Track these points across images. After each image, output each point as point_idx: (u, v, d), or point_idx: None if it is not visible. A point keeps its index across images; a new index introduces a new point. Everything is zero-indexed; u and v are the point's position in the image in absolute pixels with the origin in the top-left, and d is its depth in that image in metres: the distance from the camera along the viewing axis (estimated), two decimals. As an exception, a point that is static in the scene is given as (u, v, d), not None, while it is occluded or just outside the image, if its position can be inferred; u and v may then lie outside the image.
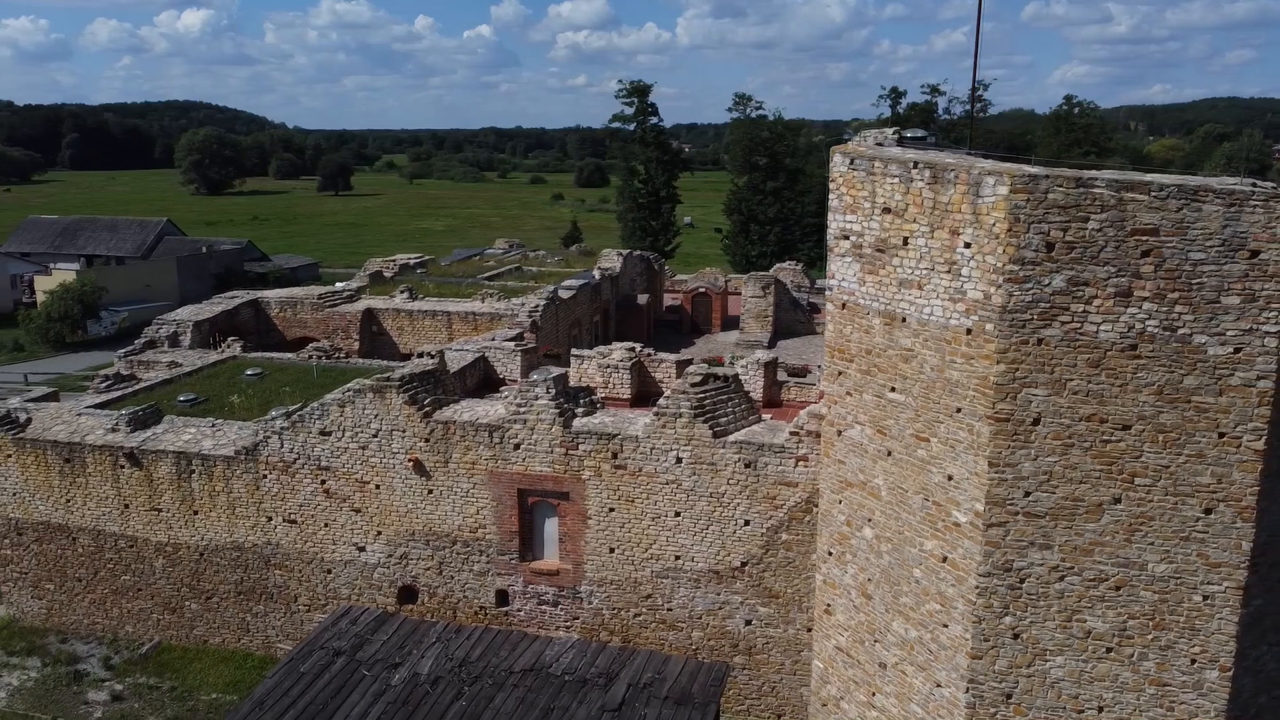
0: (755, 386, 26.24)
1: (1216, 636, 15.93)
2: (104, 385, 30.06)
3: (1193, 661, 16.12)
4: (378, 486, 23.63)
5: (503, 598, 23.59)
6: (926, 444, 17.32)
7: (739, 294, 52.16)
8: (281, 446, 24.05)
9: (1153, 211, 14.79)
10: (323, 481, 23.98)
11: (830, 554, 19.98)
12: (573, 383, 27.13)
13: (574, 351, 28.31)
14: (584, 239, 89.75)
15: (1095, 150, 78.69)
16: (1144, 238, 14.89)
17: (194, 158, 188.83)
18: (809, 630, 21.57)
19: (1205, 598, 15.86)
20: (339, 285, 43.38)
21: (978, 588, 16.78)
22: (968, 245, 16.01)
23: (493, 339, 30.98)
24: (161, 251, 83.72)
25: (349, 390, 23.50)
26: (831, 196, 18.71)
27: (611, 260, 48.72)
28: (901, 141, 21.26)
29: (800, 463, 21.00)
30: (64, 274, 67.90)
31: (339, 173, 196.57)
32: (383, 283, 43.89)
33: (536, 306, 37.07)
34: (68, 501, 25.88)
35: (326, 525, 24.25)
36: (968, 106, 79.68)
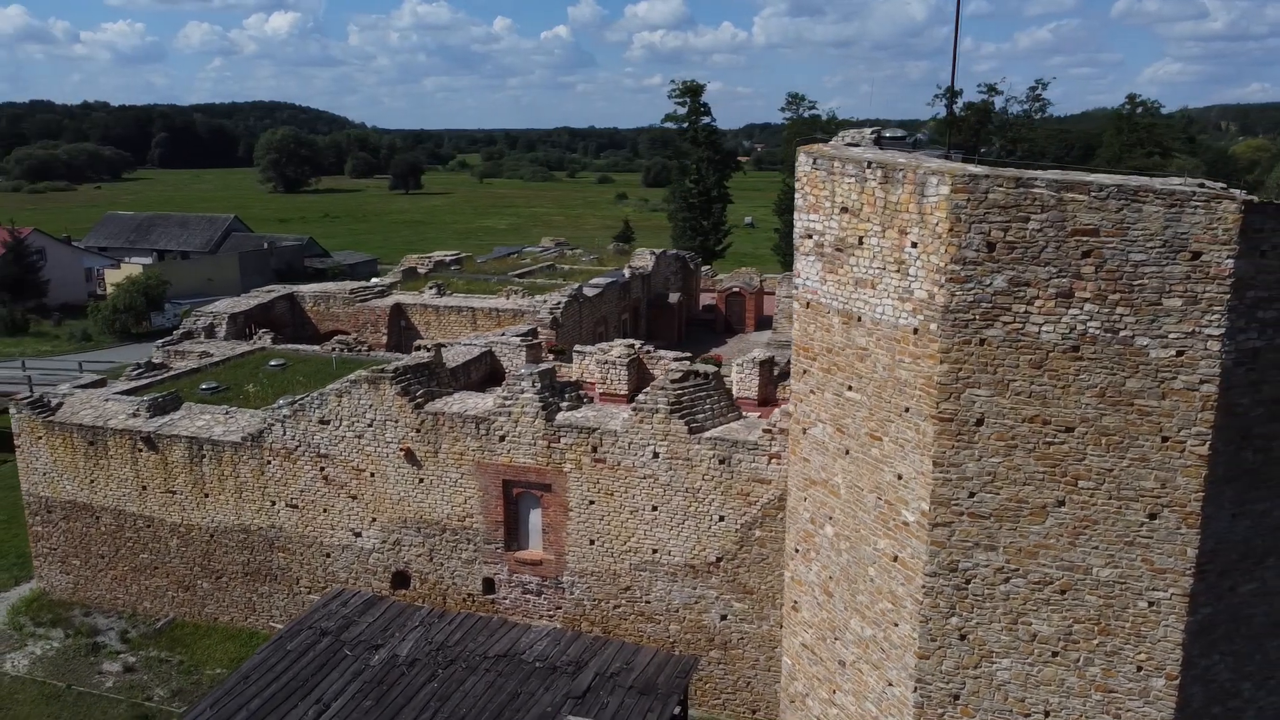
0: (751, 385, 26.40)
1: (1163, 644, 15.70)
2: (135, 373, 31.53)
3: (1139, 669, 15.90)
4: (372, 474, 24.44)
5: (489, 585, 24.19)
6: (879, 443, 17.38)
7: (774, 294, 52.13)
8: (284, 434, 25.03)
9: (1093, 212, 14.67)
10: (322, 469, 24.88)
11: (797, 551, 20.11)
12: (575, 378, 27.66)
13: (576, 348, 28.79)
14: (635, 238, 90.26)
15: (1159, 151, 76.42)
16: (1084, 238, 14.77)
17: (272, 156, 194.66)
18: (782, 626, 21.70)
19: (1151, 604, 15.64)
20: (374, 281, 44.60)
21: (924, 587, 16.79)
22: (914, 245, 16.05)
23: (503, 334, 31.65)
24: (228, 247, 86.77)
25: (347, 381, 24.36)
26: (797, 195, 18.86)
27: (644, 259, 49.11)
28: (879, 142, 21.24)
29: (773, 460, 21.16)
30: (132, 268, 70.85)
31: (409, 172, 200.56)
32: (416, 279, 45.00)
33: (558, 303, 37.68)
34: (91, 482, 27.29)
35: (325, 511, 25.16)
36: (1026, 106, 78.17)
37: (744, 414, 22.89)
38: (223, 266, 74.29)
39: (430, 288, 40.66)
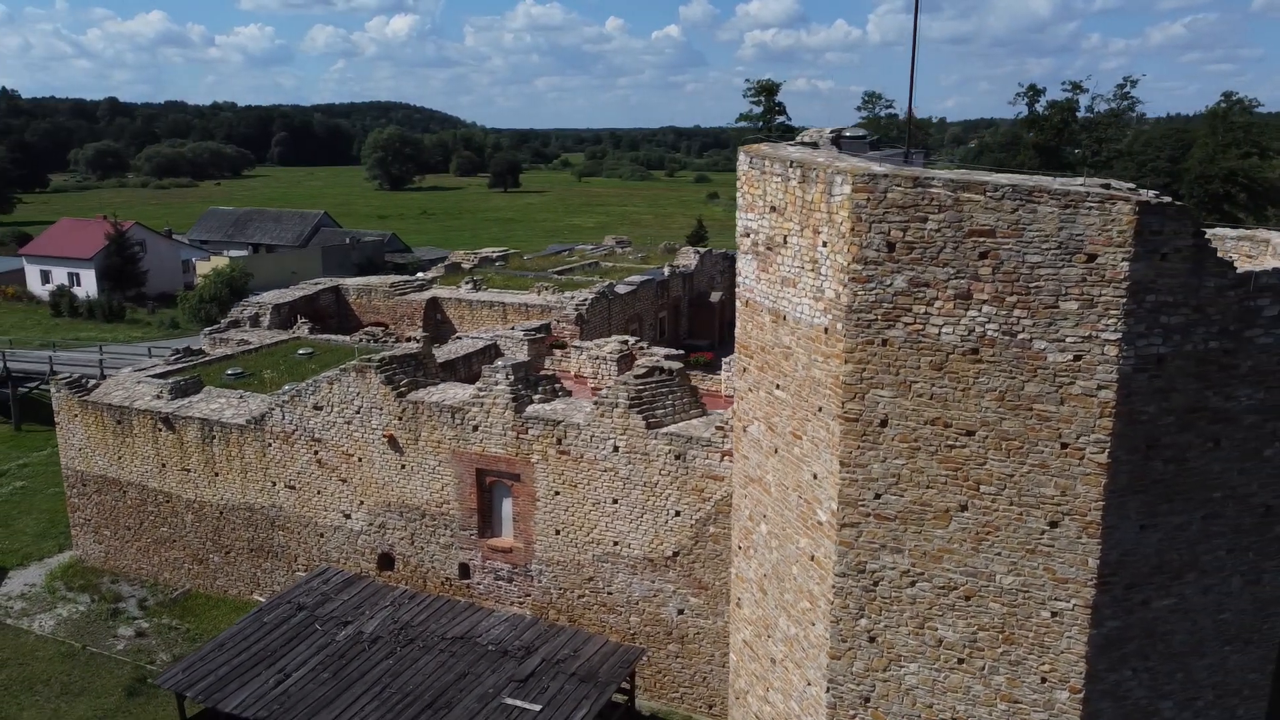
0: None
1: (1066, 655, 15.32)
2: (174, 358, 33.49)
3: (1043, 680, 15.55)
4: (360, 459, 25.50)
5: (464, 570, 24.96)
6: (800, 442, 17.41)
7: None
8: (283, 418, 26.33)
9: (989, 212, 14.44)
10: (315, 452, 26.08)
11: (739, 548, 20.21)
12: (574, 373, 28.23)
13: (574, 343, 29.33)
14: (708, 238, 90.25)
15: (1255, 151, 72.38)
16: (981, 239, 14.55)
17: (378, 155, 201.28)
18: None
19: (1054, 614, 15.28)
20: (419, 275, 46.07)
21: (834, 587, 16.76)
22: (825, 244, 16.05)
23: (513, 329, 32.43)
24: (317, 241, 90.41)
25: (338, 369, 25.48)
26: (737, 194, 18.98)
27: (688, 258, 49.30)
28: (837, 141, 21.10)
29: (725, 457, 21.30)
30: (220, 260, 74.62)
31: (508, 170, 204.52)
32: (459, 274, 46.27)
33: (584, 300, 38.30)
34: (119, 458, 29.19)
35: (319, 493, 26.36)
36: (1113, 105, 75.14)
37: (709, 411, 23.05)
38: (306, 260, 77.47)
39: (466, 282, 41.82)
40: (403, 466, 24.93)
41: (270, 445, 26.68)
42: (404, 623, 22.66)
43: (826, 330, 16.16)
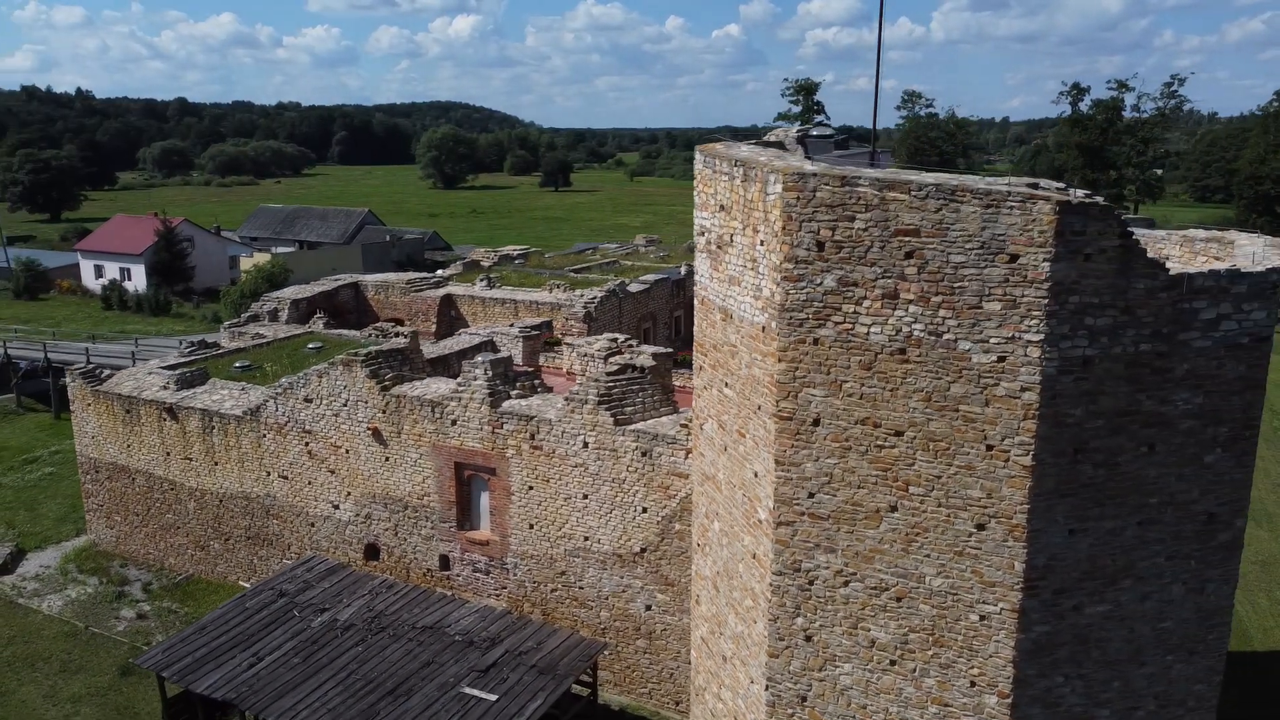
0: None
1: (994, 660, 15.16)
2: (188, 350, 34.52)
3: (972, 684, 15.41)
4: (347, 451, 26.09)
5: (444, 562, 25.39)
6: (744, 440, 17.46)
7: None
8: (276, 410, 27.03)
9: (914, 211, 14.37)
10: (306, 444, 26.74)
11: (698, 545, 20.31)
12: (565, 369, 28.56)
13: (566, 340, 29.62)
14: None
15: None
16: (906, 238, 14.48)
17: (432, 154, 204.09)
18: (699, 621, 21.90)
19: (982, 618, 15.13)
20: (439, 273, 46.76)
21: (772, 585, 16.79)
22: (762, 243, 16.09)
23: (511, 325, 32.82)
24: (361, 239, 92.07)
25: (327, 363, 26.09)
26: (694, 193, 19.08)
27: (707, 257, 49.22)
28: (803, 140, 21.04)
29: (690, 454, 21.40)
30: (262, 256, 76.40)
31: (559, 169, 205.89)
32: (477, 271, 46.87)
33: (594, 298, 38.57)
34: (128, 447, 30.21)
35: (310, 483, 27.02)
36: (1160, 104, 73.24)
37: (681, 410, 23.16)
38: (347, 257, 78.96)
39: (481, 280, 42.37)
40: (386, 459, 25.46)
41: (265, 436, 27.41)
42: (378, 611, 23.15)
43: (764, 329, 16.21)
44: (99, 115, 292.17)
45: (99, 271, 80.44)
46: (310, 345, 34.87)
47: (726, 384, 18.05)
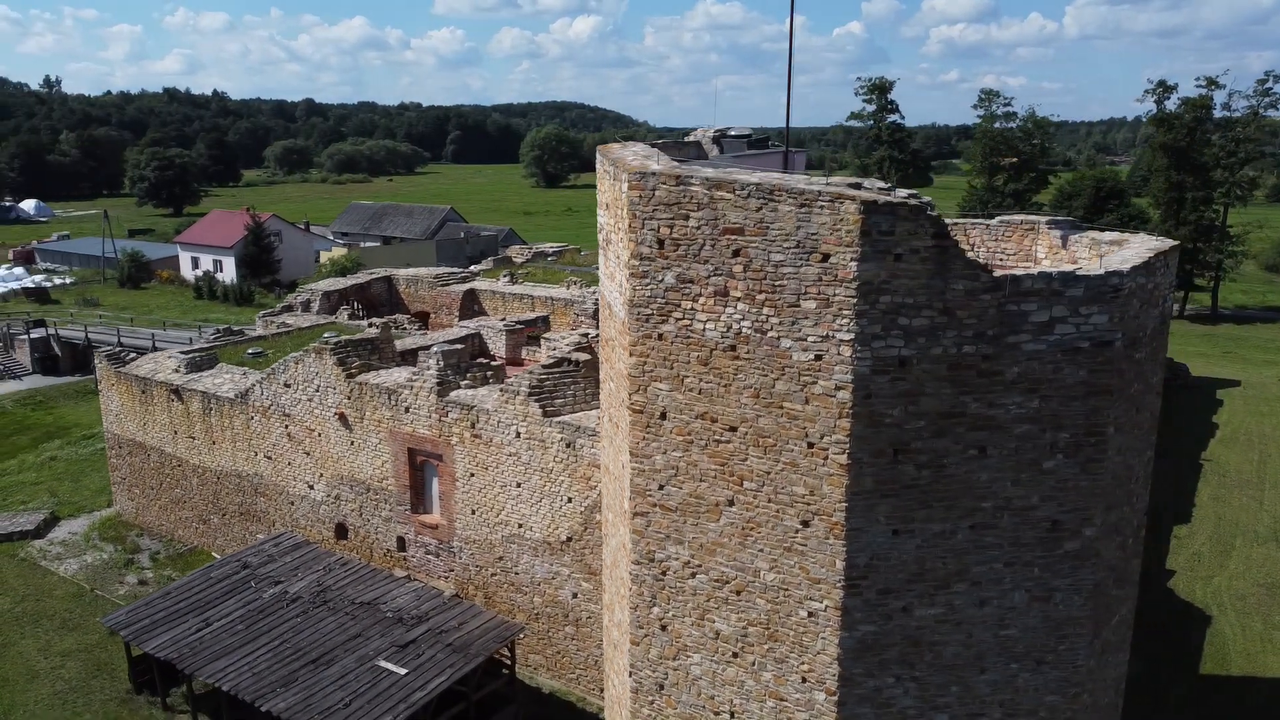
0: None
1: (821, 657, 15.25)
2: (213, 336, 36.74)
3: (803, 680, 15.52)
4: (319, 435, 27.53)
5: (401, 544, 26.54)
6: (617, 431, 17.92)
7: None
8: (261, 394, 28.70)
9: (739, 210, 14.61)
10: (286, 426, 28.31)
11: (604, 535, 20.81)
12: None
13: (544, 336, 30.44)
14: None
15: None
16: (733, 237, 14.73)
17: (535, 153, 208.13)
18: (616, 610, 22.37)
19: (810, 614, 15.24)
20: (474, 268, 48.19)
21: (631, 574, 17.21)
22: (622, 240, 16.52)
23: (503, 319, 33.82)
24: (443, 235, 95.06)
25: (303, 350, 27.59)
26: (597, 192, 19.59)
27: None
28: (719, 141, 21.23)
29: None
30: (339, 250, 79.80)
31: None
32: (510, 266, 48.09)
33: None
34: (144, 424, 32.48)
35: (289, 464, 28.59)
36: (1254, 102, 69.32)
37: (615, 403, 23.63)
38: (422, 252, 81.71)
39: (505, 275, 43.55)
40: (352, 443, 26.77)
41: (253, 418, 29.12)
42: (326, 586, 24.43)
43: (624, 323, 16.65)
44: (232, 115, 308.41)
45: (195, 263, 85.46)
46: (326, 335, 36.58)
47: (609, 377, 18.53)
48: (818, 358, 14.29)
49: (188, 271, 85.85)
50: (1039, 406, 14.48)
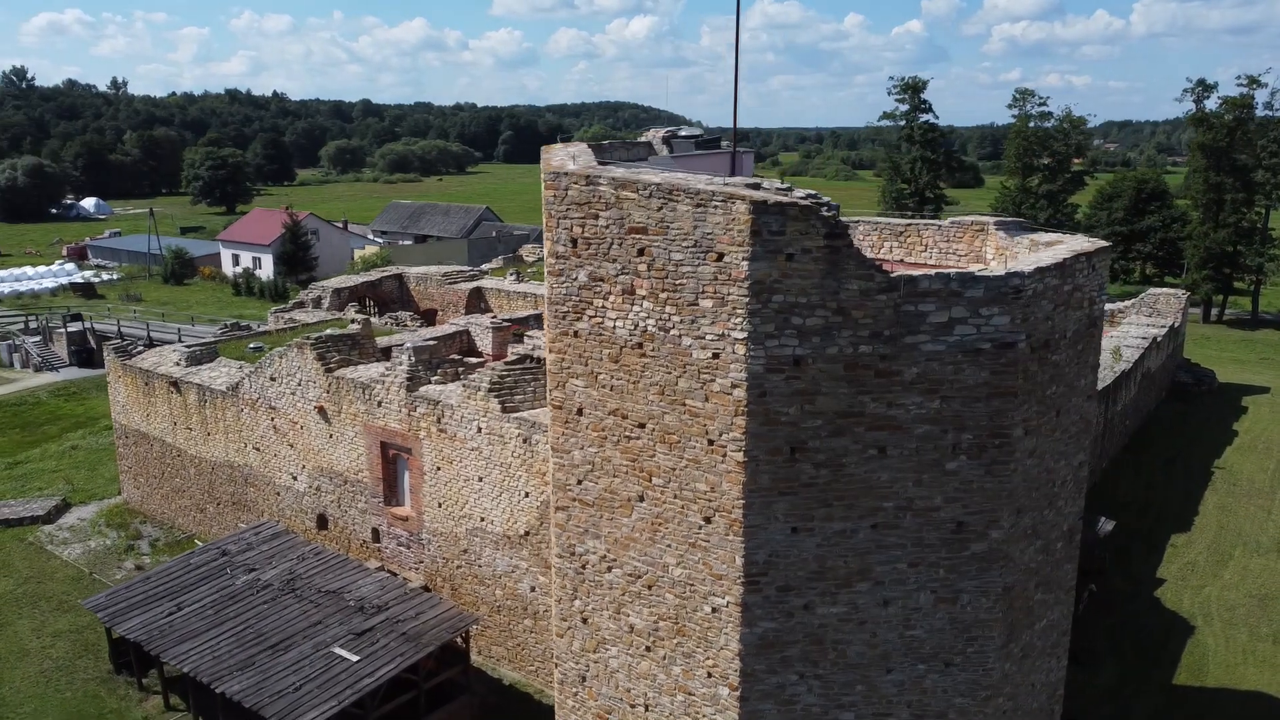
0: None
1: (724, 652, 15.40)
2: (221, 331, 37.81)
3: (709, 674, 15.69)
4: (302, 427, 28.26)
5: (376, 535, 27.14)
6: (551, 427, 18.21)
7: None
8: (250, 387, 29.54)
9: (642, 210, 14.84)
10: (272, 419, 29.10)
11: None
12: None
13: (528, 333, 30.87)
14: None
15: None
16: (638, 236, 14.97)
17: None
18: (569, 604, 22.67)
19: (714, 610, 15.40)
20: (485, 266, 48.90)
21: (555, 568, 17.51)
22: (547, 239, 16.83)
23: (494, 317, 34.31)
24: (478, 233, 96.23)
25: (287, 345, 28.34)
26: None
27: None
28: (668, 142, 21.40)
29: (560, 443, 22.20)
30: (372, 248, 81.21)
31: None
32: (520, 265, 48.74)
33: (605, 294, 39.52)
34: (147, 416, 33.58)
35: (275, 455, 29.38)
36: (1298, 101, 67.31)
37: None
38: (454, 250, 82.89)
39: (511, 274, 44.16)
40: (331, 436, 27.44)
41: (243, 410, 29.98)
42: (297, 574, 25.10)
43: (549, 321, 16.96)
44: (291, 116, 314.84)
45: (236, 260, 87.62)
46: (329, 331, 37.43)
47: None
48: (715, 356, 14.46)
49: (229, 268, 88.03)
50: (940, 407, 14.49)
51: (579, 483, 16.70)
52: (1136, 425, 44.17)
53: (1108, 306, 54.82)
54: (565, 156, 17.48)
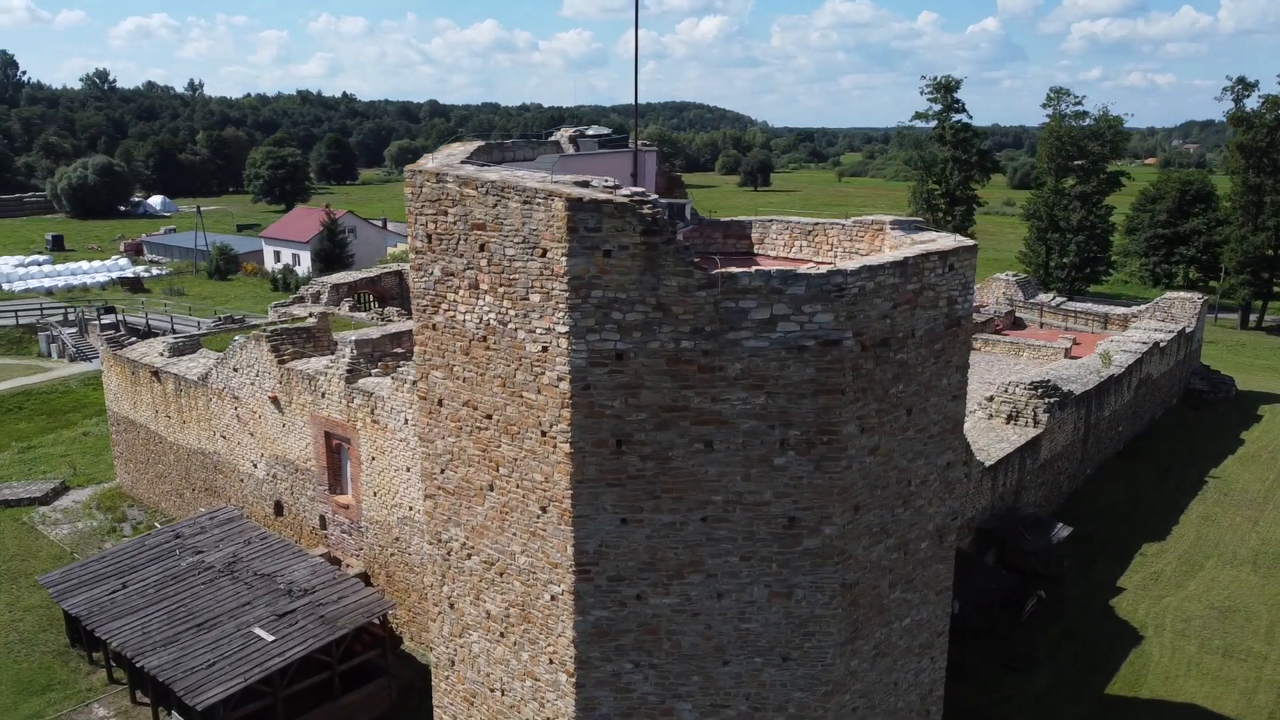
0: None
1: (561, 639, 15.74)
2: (214, 324, 39.22)
3: (550, 660, 16.04)
4: (260, 417, 29.28)
5: (323, 522, 28.02)
6: (430, 418, 18.75)
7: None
8: (217, 377, 30.69)
9: (481, 207, 15.28)
10: (235, 408, 30.21)
11: (456, 519, 21.68)
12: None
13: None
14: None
15: None
16: (479, 232, 15.40)
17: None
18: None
19: (553, 597, 15.75)
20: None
21: (427, 554, 18.03)
22: (416, 235, 17.36)
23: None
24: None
25: (247, 337, 29.40)
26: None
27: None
28: (575, 141, 21.71)
29: (474, 435, 22.74)
30: (403, 246, 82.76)
31: (758, 169, 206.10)
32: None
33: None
34: (134, 403, 35.06)
35: (239, 444, 30.48)
36: (1345, 99, 64.77)
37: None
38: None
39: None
40: (284, 425, 28.40)
41: (212, 400, 31.15)
42: (239, 558, 26.06)
43: (414, 314, 17.49)
44: (359, 116, 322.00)
45: (277, 256, 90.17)
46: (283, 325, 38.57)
47: (436, 367, 19.39)
48: (544, 349, 14.82)
49: (270, 264, 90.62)
50: (766, 403, 14.64)
51: (441, 471, 17.20)
52: (1135, 432, 43.14)
53: (1121, 311, 53.57)
54: (445, 155, 18.00)
